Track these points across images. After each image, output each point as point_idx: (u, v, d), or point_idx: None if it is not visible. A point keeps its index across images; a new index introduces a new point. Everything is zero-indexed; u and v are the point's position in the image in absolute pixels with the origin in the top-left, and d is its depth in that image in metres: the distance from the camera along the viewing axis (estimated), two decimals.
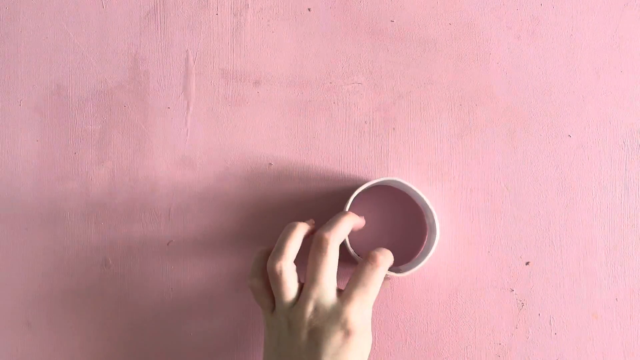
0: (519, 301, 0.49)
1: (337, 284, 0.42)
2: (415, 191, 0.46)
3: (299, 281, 0.43)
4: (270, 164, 0.50)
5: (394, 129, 0.50)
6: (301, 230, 0.43)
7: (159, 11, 0.51)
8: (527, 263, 0.49)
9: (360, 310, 0.41)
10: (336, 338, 0.40)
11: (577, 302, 0.49)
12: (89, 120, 0.51)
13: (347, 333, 0.40)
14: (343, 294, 0.41)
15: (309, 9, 0.51)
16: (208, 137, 0.50)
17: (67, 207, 0.50)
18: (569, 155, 0.49)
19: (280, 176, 0.50)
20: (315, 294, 0.41)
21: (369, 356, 0.42)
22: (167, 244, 0.50)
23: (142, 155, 0.50)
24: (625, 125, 0.49)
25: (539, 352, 0.48)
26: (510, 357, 0.48)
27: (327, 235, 0.42)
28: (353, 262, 0.46)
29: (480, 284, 0.49)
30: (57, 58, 0.51)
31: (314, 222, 0.45)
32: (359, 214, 0.46)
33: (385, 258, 0.43)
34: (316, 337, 0.40)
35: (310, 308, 0.41)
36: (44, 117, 0.51)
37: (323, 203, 0.49)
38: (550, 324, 0.48)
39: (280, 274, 0.41)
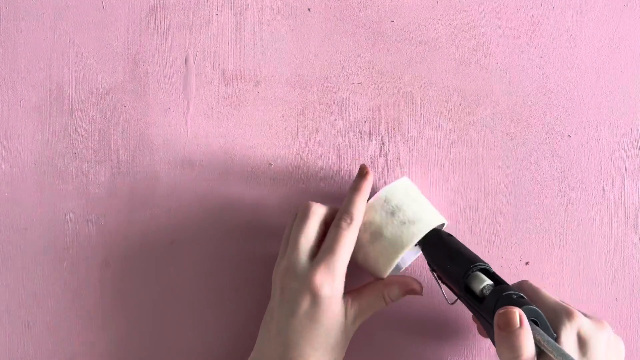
0: None
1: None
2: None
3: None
4: (270, 164, 0.50)
5: (394, 129, 0.50)
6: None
7: (159, 11, 0.51)
8: (527, 263, 0.49)
9: (328, 275, 0.41)
10: (305, 300, 0.41)
11: (577, 302, 0.49)
12: (89, 120, 0.51)
13: (314, 296, 0.40)
14: (314, 259, 0.42)
15: (309, 9, 0.51)
16: (208, 137, 0.50)
17: (67, 207, 0.50)
18: (569, 155, 0.49)
19: (280, 176, 0.50)
20: (292, 255, 0.42)
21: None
22: (170, 244, 0.50)
23: (142, 155, 0.50)
24: (625, 125, 0.49)
25: None
26: None
27: (312, 203, 0.44)
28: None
29: None
30: (57, 58, 0.51)
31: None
32: None
33: (354, 219, 0.42)
34: (286, 295, 0.42)
35: (283, 266, 0.43)
36: (44, 117, 0.51)
37: (323, 203, 0.49)
38: None
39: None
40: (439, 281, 0.44)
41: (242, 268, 0.50)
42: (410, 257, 0.48)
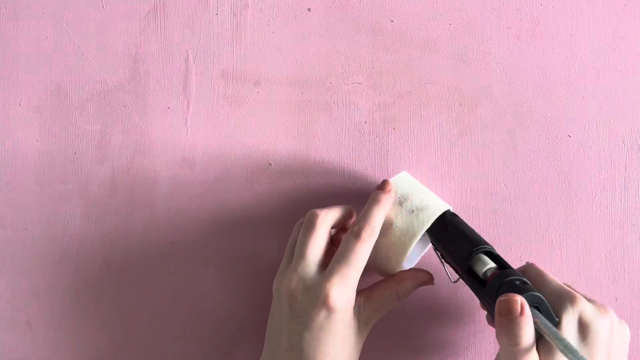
0: None
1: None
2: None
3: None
4: (270, 164, 0.50)
5: (394, 129, 0.50)
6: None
7: (159, 11, 0.51)
8: (527, 263, 0.49)
9: (343, 288, 0.39)
10: (319, 314, 0.39)
11: None
12: (89, 120, 0.51)
13: (329, 310, 0.39)
14: (326, 270, 0.41)
15: (309, 9, 0.51)
16: (208, 137, 0.50)
17: (67, 207, 0.50)
18: (569, 155, 0.49)
19: (280, 176, 0.50)
20: (299, 266, 0.41)
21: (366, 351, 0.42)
22: (170, 244, 0.50)
23: (142, 155, 0.50)
24: (625, 125, 0.49)
25: None
26: None
27: (318, 212, 0.43)
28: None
29: None
30: (57, 58, 0.51)
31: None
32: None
33: (372, 230, 0.41)
34: (297, 309, 0.40)
35: (292, 278, 0.41)
36: (44, 117, 0.51)
37: (323, 203, 0.49)
38: None
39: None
40: (442, 260, 0.44)
41: (242, 268, 0.50)
42: (417, 256, 0.47)
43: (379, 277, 0.45)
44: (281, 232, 0.48)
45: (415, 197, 0.43)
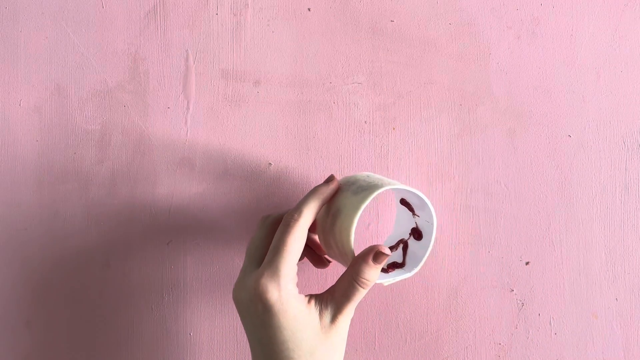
0: (519, 301, 0.49)
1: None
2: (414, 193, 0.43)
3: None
4: (270, 164, 0.50)
5: (394, 129, 0.50)
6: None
7: (159, 11, 0.51)
8: (527, 263, 0.49)
9: (272, 276, 0.38)
10: (256, 309, 0.38)
11: (577, 302, 0.49)
12: (89, 120, 0.51)
13: (263, 302, 0.37)
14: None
15: (309, 9, 0.51)
16: (208, 137, 0.50)
17: (67, 207, 0.50)
18: (569, 155, 0.49)
19: (280, 176, 0.50)
20: (243, 265, 0.41)
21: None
22: (167, 244, 0.50)
23: (142, 155, 0.50)
24: (625, 125, 0.49)
25: (539, 352, 0.48)
26: (510, 357, 0.48)
27: (265, 215, 0.44)
28: None
29: (480, 284, 0.49)
30: (57, 58, 0.51)
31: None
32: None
33: (302, 215, 0.40)
34: (242, 310, 0.39)
35: (236, 282, 0.40)
36: (43, 117, 0.51)
37: None
38: (550, 324, 0.48)
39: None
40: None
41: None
42: (393, 277, 0.44)
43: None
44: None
45: (364, 181, 0.42)
